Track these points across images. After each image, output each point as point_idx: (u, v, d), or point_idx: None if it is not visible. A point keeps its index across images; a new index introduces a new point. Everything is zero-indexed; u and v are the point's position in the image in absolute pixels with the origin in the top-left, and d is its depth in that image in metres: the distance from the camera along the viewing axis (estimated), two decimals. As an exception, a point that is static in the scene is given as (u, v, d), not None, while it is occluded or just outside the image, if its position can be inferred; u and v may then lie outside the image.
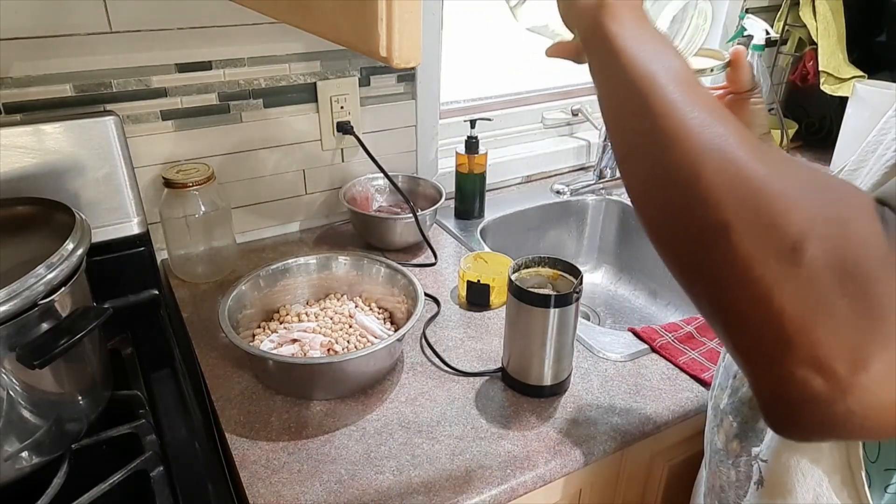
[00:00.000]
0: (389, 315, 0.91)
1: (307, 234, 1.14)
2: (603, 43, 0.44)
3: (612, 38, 0.43)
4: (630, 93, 0.41)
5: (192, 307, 0.94)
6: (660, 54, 0.42)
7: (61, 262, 0.63)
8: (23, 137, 0.81)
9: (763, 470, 0.56)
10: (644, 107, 0.40)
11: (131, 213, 0.91)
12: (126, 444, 0.71)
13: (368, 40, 0.50)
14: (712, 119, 0.37)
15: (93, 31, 0.87)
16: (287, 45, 1.01)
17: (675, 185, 0.37)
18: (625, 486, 0.83)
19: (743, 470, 0.58)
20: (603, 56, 0.44)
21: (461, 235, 1.16)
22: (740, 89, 0.63)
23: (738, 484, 0.59)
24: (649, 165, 0.39)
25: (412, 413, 0.76)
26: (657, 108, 0.39)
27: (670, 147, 0.37)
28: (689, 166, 0.36)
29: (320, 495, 0.65)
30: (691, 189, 0.35)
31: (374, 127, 1.15)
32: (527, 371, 0.77)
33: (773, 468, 0.55)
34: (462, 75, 1.30)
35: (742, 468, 0.58)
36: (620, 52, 0.43)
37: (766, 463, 0.56)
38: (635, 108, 0.41)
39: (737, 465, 0.59)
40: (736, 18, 1.47)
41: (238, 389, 0.79)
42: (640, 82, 0.40)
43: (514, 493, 0.68)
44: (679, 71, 0.41)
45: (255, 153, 1.06)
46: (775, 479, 0.54)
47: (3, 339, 0.59)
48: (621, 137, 0.43)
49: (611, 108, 0.44)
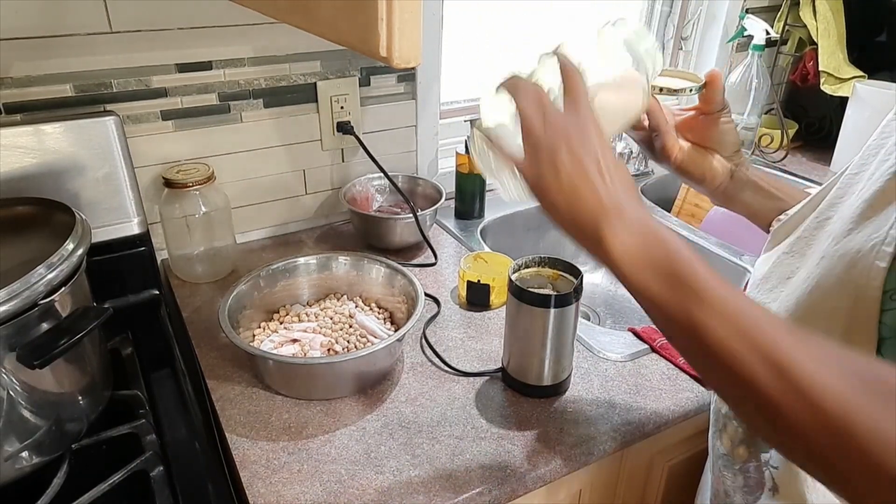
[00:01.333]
0: (389, 315, 0.91)
1: (307, 234, 1.14)
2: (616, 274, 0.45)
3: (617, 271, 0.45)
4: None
5: (192, 307, 0.94)
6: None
7: (61, 262, 0.63)
8: (23, 137, 0.81)
9: (776, 476, 0.55)
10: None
11: (131, 213, 0.91)
12: (126, 444, 0.71)
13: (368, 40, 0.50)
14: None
15: (93, 31, 0.87)
16: (287, 45, 1.01)
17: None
18: (625, 486, 0.83)
19: (753, 476, 0.57)
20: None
21: (461, 235, 1.16)
22: (712, 110, 0.65)
23: (748, 490, 0.58)
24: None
25: (412, 413, 0.76)
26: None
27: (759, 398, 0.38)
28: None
29: (320, 495, 0.65)
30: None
31: (374, 127, 1.15)
32: (527, 371, 0.77)
33: (785, 475, 0.55)
34: (462, 75, 1.30)
35: (752, 474, 0.57)
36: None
37: (777, 469, 0.55)
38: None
39: (745, 470, 0.58)
40: (736, 18, 1.48)
41: (238, 389, 0.79)
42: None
43: (514, 494, 0.68)
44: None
45: (255, 153, 1.06)
46: (790, 487, 0.54)
47: (4, 339, 0.59)
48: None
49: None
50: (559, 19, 1.42)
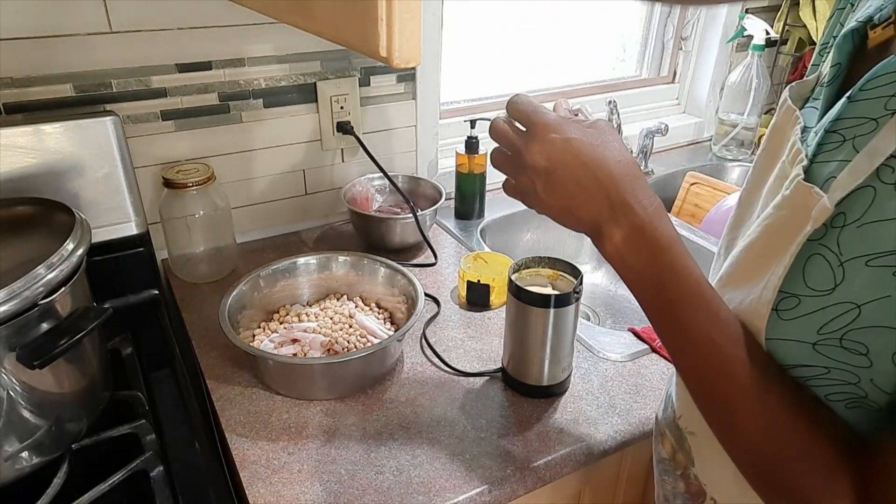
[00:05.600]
0: (389, 315, 0.91)
1: (307, 234, 1.14)
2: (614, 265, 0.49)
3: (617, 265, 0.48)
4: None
5: (192, 307, 0.94)
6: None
7: (61, 262, 0.63)
8: (23, 137, 0.81)
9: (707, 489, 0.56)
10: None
11: (131, 213, 0.91)
12: (126, 444, 0.71)
13: (368, 40, 0.50)
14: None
15: (93, 31, 0.87)
16: (287, 45, 1.01)
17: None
18: (625, 486, 0.83)
19: (695, 483, 0.57)
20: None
21: (461, 235, 1.16)
22: None
23: (688, 496, 0.58)
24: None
25: (412, 413, 0.76)
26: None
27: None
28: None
29: (320, 495, 0.65)
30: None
31: (374, 127, 1.15)
32: (527, 371, 0.77)
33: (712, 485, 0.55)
34: (462, 75, 1.30)
35: (694, 481, 0.57)
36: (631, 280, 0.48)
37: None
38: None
39: (686, 476, 0.58)
40: (736, 18, 1.48)
41: (238, 389, 0.79)
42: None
43: (514, 493, 0.68)
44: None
45: (255, 153, 1.06)
46: (725, 497, 0.54)
47: (3, 340, 0.59)
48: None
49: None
50: (559, 19, 1.42)
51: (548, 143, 0.48)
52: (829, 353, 0.39)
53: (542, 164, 0.48)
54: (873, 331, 0.37)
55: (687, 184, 1.39)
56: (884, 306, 0.36)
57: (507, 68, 1.41)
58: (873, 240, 0.37)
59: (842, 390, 0.40)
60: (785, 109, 0.48)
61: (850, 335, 0.38)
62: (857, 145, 0.39)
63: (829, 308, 0.38)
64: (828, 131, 0.41)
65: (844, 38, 0.43)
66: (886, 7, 0.42)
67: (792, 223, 0.41)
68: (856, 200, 0.38)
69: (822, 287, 0.39)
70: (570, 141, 0.48)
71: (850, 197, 0.38)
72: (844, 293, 0.38)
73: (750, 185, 0.52)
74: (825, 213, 0.38)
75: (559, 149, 0.48)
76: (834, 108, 0.41)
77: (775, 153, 0.48)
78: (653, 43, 1.55)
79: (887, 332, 0.36)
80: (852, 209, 0.38)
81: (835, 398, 0.41)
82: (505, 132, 0.51)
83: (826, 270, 0.39)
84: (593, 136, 0.49)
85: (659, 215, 0.47)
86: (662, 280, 0.45)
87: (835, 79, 0.44)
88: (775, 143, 0.49)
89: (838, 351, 0.39)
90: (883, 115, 0.38)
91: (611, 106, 1.31)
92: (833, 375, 0.40)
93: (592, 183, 0.47)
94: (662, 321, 0.46)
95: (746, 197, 0.52)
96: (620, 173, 0.47)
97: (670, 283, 0.45)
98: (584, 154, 0.47)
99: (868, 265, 0.37)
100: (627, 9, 1.52)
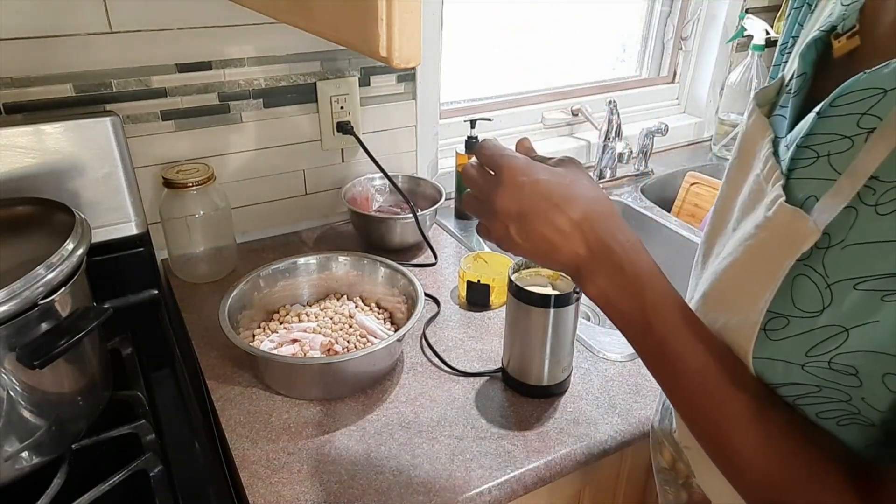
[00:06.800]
0: (389, 315, 0.91)
1: (307, 234, 1.14)
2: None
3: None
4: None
5: (192, 307, 0.94)
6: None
7: (61, 262, 0.63)
8: (23, 137, 0.81)
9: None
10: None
11: (131, 213, 0.91)
12: (126, 444, 0.71)
13: (368, 40, 0.50)
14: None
15: (93, 31, 0.87)
16: (287, 45, 1.01)
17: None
18: (625, 486, 0.83)
19: (698, 492, 0.57)
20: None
21: (461, 235, 1.16)
22: None
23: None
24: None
25: (412, 413, 0.76)
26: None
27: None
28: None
29: (320, 495, 0.65)
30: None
31: (374, 127, 1.15)
32: (527, 371, 0.77)
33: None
34: (462, 75, 1.30)
35: (697, 491, 0.57)
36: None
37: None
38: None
39: (689, 486, 0.58)
40: (736, 18, 1.48)
41: (238, 389, 0.79)
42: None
43: (514, 494, 0.68)
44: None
45: (255, 153, 1.06)
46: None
47: (3, 340, 0.59)
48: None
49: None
50: (559, 19, 1.42)
51: (517, 188, 0.47)
52: (818, 373, 0.39)
53: (513, 209, 0.47)
54: (861, 354, 0.36)
55: (687, 184, 1.39)
56: (872, 331, 0.36)
57: (507, 68, 1.41)
58: (860, 262, 0.36)
59: (834, 408, 0.40)
60: (755, 118, 0.48)
61: (838, 358, 0.37)
62: (834, 163, 0.39)
63: (818, 330, 0.38)
64: (800, 146, 0.41)
65: (808, 47, 0.43)
66: (849, 16, 0.42)
67: (776, 245, 0.41)
68: (838, 221, 0.37)
69: (810, 309, 0.38)
70: (538, 183, 0.46)
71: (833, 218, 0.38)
72: (832, 316, 0.37)
73: (724, 196, 0.51)
74: (813, 237, 0.38)
75: (528, 192, 0.46)
76: (804, 122, 0.41)
77: (748, 164, 0.47)
78: (653, 43, 1.55)
79: (877, 356, 0.36)
80: (836, 230, 0.37)
81: (826, 415, 0.41)
82: (474, 178, 0.50)
83: (814, 292, 0.38)
84: (562, 176, 0.47)
85: (636, 251, 0.46)
86: (648, 318, 0.45)
87: (801, 89, 0.44)
88: (747, 154, 0.48)
89: (827, 372, 0.38)
90: (858, 134, 0.37)
91: (611, 106, 1.31)
92: (824, 393, 0.40)
93: (567, 224, 0.46)
94: (651, 357, 0.46)
95: (721, 207, 0.51)
96: (595, 212, 0.46)
97: (656, 319, 0.45)
98: (554, 195, 0.46)
99: (856, 288, 0.36)
100: (627, 9, 1.52)
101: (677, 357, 0.44)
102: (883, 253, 0.35)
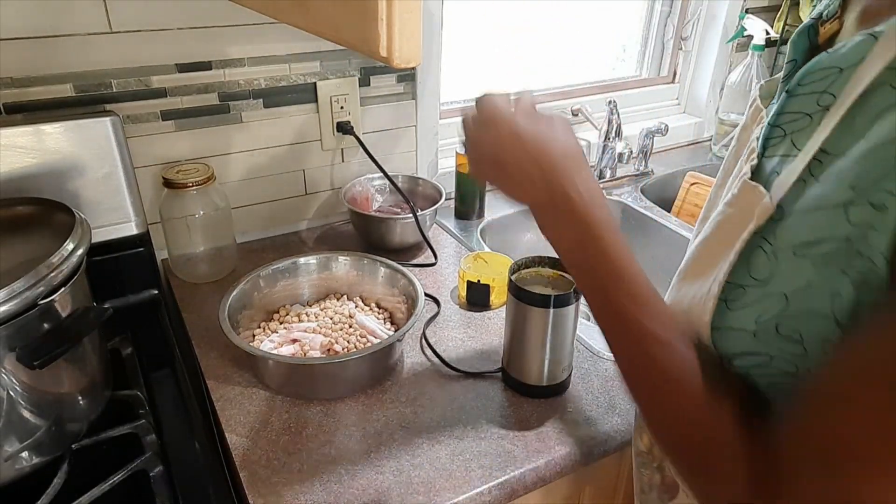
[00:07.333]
0: (389, 315, 0.91)
1: (307, 234, 1.14)
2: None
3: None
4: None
5: (192, 307, 0.94)
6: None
7: (61, 262, 0.63)
8: (23, 137, 0.81)
9: None
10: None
11: (131, 213, 0.91)
12: (126, 444, 0.71)
13: (368, 40, 0.50)
14: None
15: (93, 31, 0.87)
16: (287, 45, 1.01)
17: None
18: (625, 486, 0.83)
19: (670, 476, 0.58)
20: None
21: (461, 235, 1.16)
22: None
23: (665, 488, 0.59)
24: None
25: (412, 413, 0.76)
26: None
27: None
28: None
29: (320, 495, 0.65)
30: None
31: (374, 127, 1.15)
32: (527, 371, 0.77)
33: None
34: (462, 75, 1.30)
35: (669, 474, 0.58)
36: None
37: None
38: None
39: (662, 469, 0.59)
40: (736, 18, 1.48)
41: (238, 389, 0.79)
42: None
43: (514, 494, 0.68)
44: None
45: (255, 153, 1.06)
46: None
47: (4, 340, 0.59)
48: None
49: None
50: (559, 19, 1.42)
51: (499, 137, 0.53)
52: (768, 340, 0.41)
53: (493, 153, 0.53)
54: (803, 317, 0.38)
55: (687, 184, 1.39)
56: (806, 293, 0.38)
57: (507, 68, 1.41)
58: (798, 230, 0.38)
59: (783, 380, 0.42)
60: (753, 108, 0.51)
61: (784, 322, 0.39)
62: (795, 140, 0.41)
63: (767, 298, 0.40)
64: (772, 125, 0.44)
65: (800, 34, 0.46)
66: (833, 2, 0.44)
67: (739, 220, 0.43)
68: (791, 194, 0.40)
69: (761, 277, 0.41)
70: (518, 134, 0.52)
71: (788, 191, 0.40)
72: (777, 283, 0.40)
73: (717, 184, 0.54)
74: (767, 211, 0.41)
75: (505, 136, 0.53)
76: (777, 102, 0.44)
77: (741, 153, 0.50)
78: (653, 43, 1.55)
79: (815, 317, 0.38)
80: (788, 203, 0.40)
81: (778, 388, 0.42)
82: (468, 124, 0.57)
83: (765, 261, 0.41)
84: (541, 128, 0.53)
85: (595, 203, 0.50)
86: (591, 263, 0.49)
87: (790, 75, 0.46)
88: (742, 144, 0.51)
89: (776, 338, 0.40)
90: (816, 111, 0.40)
91: (611, 106, 1.31)
92: (775, 363, 0.41)
93: (534, 169, 0.51)
94: (594, 300, 0.49)
95: (713, 195, 0.54)
96: (562, 163, 0.51)
97: (600, 266, 0.48)
98: (528, 143, 0.52)
99: (795, 254, 0.38)
100: (627, 9, 1.52)
101: (616, 301, 0.47)
102: (815, 219, 0.37)
